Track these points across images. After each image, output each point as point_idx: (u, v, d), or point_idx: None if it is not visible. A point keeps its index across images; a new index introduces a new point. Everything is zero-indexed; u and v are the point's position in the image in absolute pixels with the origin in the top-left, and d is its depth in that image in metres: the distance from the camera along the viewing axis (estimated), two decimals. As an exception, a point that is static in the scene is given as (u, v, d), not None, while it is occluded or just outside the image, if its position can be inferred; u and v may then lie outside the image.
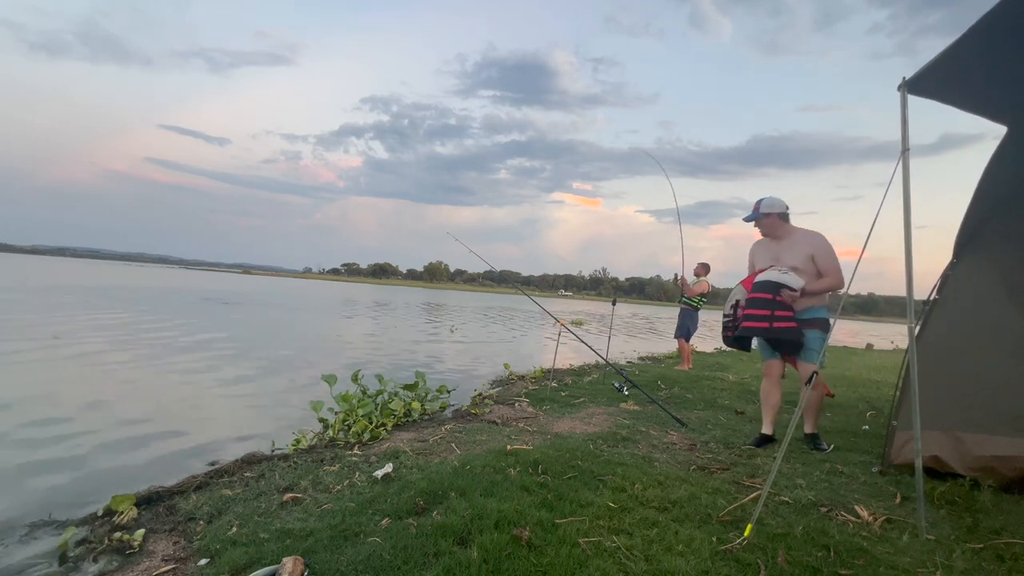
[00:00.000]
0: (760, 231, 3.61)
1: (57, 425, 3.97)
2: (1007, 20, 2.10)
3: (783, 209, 3.49)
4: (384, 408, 4.38)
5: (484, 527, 2.10)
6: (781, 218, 3.49)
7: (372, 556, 1.93)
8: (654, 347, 13.45)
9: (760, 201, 3.53)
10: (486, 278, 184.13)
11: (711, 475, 2.95)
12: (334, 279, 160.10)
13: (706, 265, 7.91)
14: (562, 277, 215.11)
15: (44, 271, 39.33)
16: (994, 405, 2.81)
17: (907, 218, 2.28)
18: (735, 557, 1.96)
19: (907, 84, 2.35)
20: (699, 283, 7.80)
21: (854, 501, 2.57)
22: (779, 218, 3.49)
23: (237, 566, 1.90)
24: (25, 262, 68.98)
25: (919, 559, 2.02)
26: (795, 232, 3.48)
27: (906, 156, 2.29)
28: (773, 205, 3.48)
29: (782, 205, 3.49)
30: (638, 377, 6.72)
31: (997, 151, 2.90)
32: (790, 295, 3.18)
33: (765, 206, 3.50)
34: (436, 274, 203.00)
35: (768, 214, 3.49)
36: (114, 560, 2.05)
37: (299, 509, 2.41)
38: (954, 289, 3.09)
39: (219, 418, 4.49)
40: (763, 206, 3.50)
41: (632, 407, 4.92)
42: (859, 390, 6.52)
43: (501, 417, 4.36)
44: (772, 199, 3.50)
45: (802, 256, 3.34)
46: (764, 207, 3.50)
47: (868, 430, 4.27)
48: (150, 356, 7.22)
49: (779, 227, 3.50)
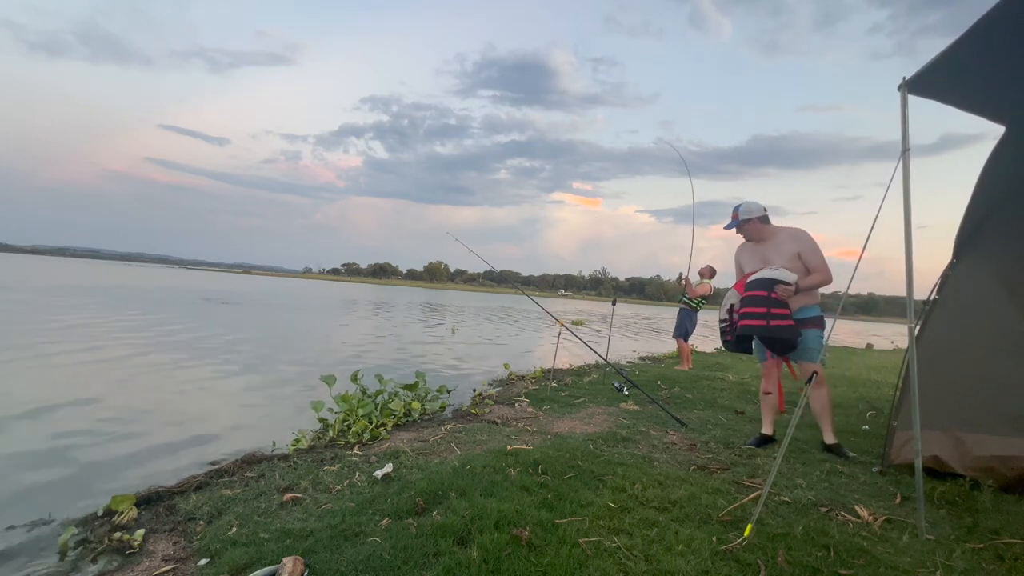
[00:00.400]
0: (743, 236, 3.61)
1: (56, 425, 3.97)
2: (1006, 20, 2.11)
3: (761, 212, 3.48)
4: (384, 408, 4.39)
5: (484, 527, 2.10)
6: (761, 221, 3.49)
7: (372, 556, 1.93)
8: (654, 347, 13.45)
9: (737, 208, 3.53)
10: (486, 278, 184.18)
11: (711, 475, 2.95)
12: (334, 279, 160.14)
13: (712, 268, 7.92)
14: (562, 277, 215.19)
15: (45, 271, 39.32)
16: (994, 405, 2.81)
17: (907, 218, 2.28)
18: (735, 557, 1.96)
19: (907, 84, 2.35)
20: (702, 285, 7.80)
21: (854, 501, 2.57)
22: (759, 221, 3.49)
23: (237, 566, 1.90)
24: (26, 262, 69.00)
25: (919, 559, 2.02)
26: (778, 232, 3.48)
27: (906, 156, 2.29)
28: (751, 210, 3.48)
29: (759, 209, 3.49)
30: (638, 377, 6.72)
31: (995, 151, 2.91)
32: (786, 290, 3.16)
33: (743, 212, 3.49)
34: (436, 274, 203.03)
35: (748, 220, 3.49)
36: (114, 560, 2.05)
37: (299, 509, 2.41)
38: (954, 289, 3.09)
39: (219, 418, 4.48)
40: (741, 212, 3.50)
41: (632, 407, 4.92)
42: (859, 390, 6.52)
43: (501, 417, 4.37)
44: (749, 204, 3.50)
45: (789, 255, 3.34)
46: (743, 213, 3.50)
47: (868, 430, 4.27)
48: (150, 356, 7.22)
49: (761, 230, 3.50)
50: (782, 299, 3.18)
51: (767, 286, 3.21)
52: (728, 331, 3.48)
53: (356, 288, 65.60)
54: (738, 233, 3.60)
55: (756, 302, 3.24)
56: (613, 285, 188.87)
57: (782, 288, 3.17)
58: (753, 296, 3.27)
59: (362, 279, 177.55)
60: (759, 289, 3.24)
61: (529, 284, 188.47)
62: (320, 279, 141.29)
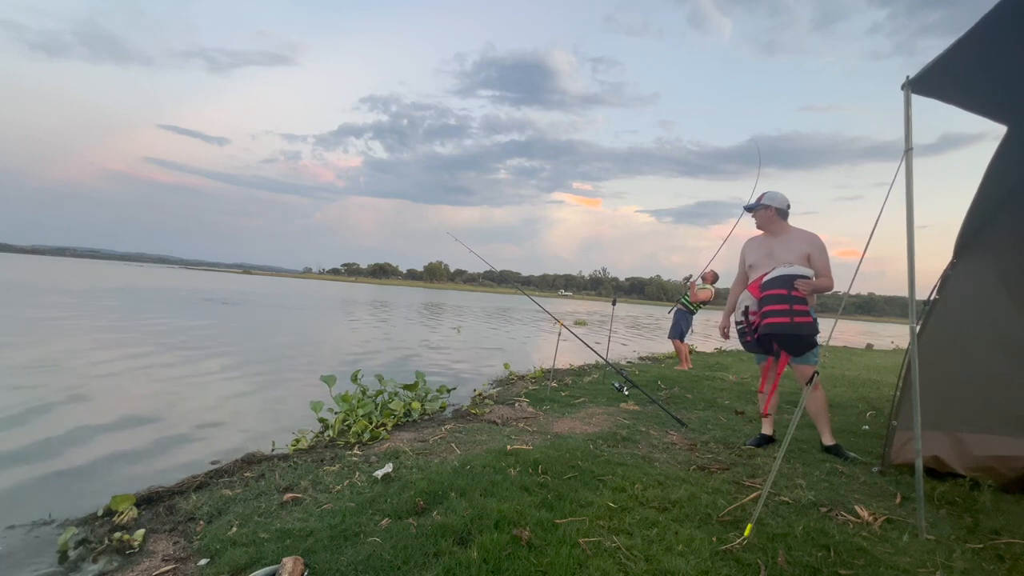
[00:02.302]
0: (756, 223, 3.61)
1: (56, 425, 3.97)
2: (1008, 20, 2.10)
3: (783, 205, 3.49)
4: (384, 408, 4.39)
5: (484, 527, 2.10)
6: (779, 214, 3.49)
7: (372, 556, 1.93)
8: (654, 347, 13.44)
9: (764, 193, 3.54)
10: (486, 278, 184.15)
11: (711, 475, 2.95)
12: (334, 279, 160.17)
13: (715, 273, 7.94)
14: (562, 277, 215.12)
15: (45, 271, 39.31)
16: (994, 405, 2.81)
17: (910, 217, 2.28)
18: (735, 557, 1.96)
19: (911, 83, 2.34)
20: (704, 290, 7.83)
21: (854, 501, 2.56)
22: (777, 213, 3.49)
23: (237, 566, 1.90)
24: (26, 262, 68.99)
25: (919, 559, 2.02)
26: (791, 230, 3.48)
27: (909, 155, 2.29)
28: (775, 199, 3.49)
29: (784, 201, 3.49)
30: (638, 377, 6.72)
31: (997, 151, 2.90)
32: (806, 283, 3.14)
33: (768, 198, 3.50)
34: (436, 274, 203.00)
35: (768, 206, 3.50)
36: (114, 560, 2.05)
37: (299, 509, 2.41)
38: (954, 289, 3.09)
39: (219, 418, 4.48)
40: (766, 198, 3.51)
41: (632, 407, 4.92)
42: (859, 390, 6.52)
43: (501, 417, 4.36)
44: (775, 193, 3.51)
45: (798, 254, 3.33)
46: (767, 199, 3.51)
47: (868, 430, 4.27)
48: (149, 356, 7.22)
49: (775, 222, 3.50)
50: (803, 294, 3.15)
51: (786, 283, 3.17)
52: (748, 332, 3.44)
53: (356, 288, 65.61)
54: (753, 216, 3.60)
55: (777, 300, 3.20)
56: (613, 285, 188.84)
57: (802, 282, 3.14)
58: (773, 295, 3.22)
59: (362, 279, 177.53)
60: (779, 287, 3.19)
61: (529, 284, 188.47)
62: (320, 279, 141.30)
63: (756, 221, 3.60)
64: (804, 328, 3.11)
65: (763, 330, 3.23)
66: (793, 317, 3.12)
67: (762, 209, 3.51)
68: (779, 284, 3.19)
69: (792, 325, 3.12)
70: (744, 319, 3.43)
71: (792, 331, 3.14)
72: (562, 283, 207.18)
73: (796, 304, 3.14)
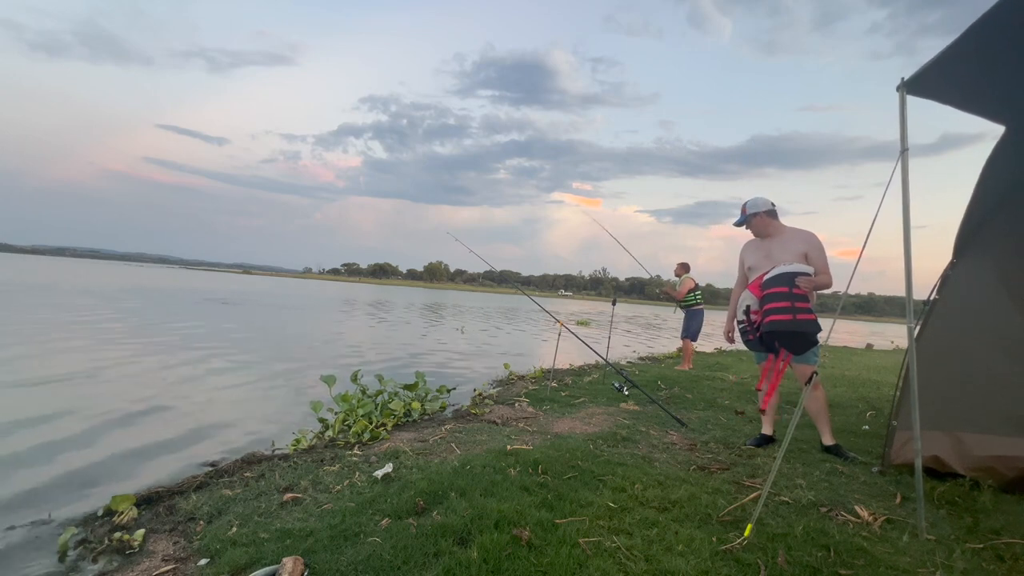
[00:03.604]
0: (752, 232, 3.61)
1: (56, 425, 3.97)
2: (1005, 20, 2.10)
3: (769, 207, 3.50)
4: (384, 408, 4.39)
5: (484, 527, 2.10)
6: (769, 215, 3.51)
7: (372, 556, 1.93)
8: (654, 347, 13.44)
9: (745, 204, 3.57)
10: (486, 278, 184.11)
11: (711, 475, 2.95)
12: (334, 279, 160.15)
13: (685, 264, 8.04)
14: (562, 277, 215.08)
15: (46, 271, 39.32)
16: (994, 405, 2.81)
17: (906, 218, 2.28)
18: (735, 557, 1.96)
19: (906, 84, 2.35)
20: (684, 282, 7.87)
21: (854, 501, 2.57)
22: (767, 216, 3.50)
23: (237, 566, 1.90)
24: (27, 263, 69.00)
25: (919, 559, 2.02)
26: (786, 230, 3.49)
27: (905, 156, 2.29)
28: (758, 204, 3.51)
29: (767, 203, 3.51)
30: (638, 377, 6.72)
31: (995, 151, 2.90)
32: (808, 280, 3.14)
33: (751, 206, 3.53)
34: (436, 274, 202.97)
35: (756, 214, 3.51)
36: (114, 560, 2.05)
37: (299, 509, 2.41)
38: (954, 289, 3.09)
39: (219, 418, 4.48)
40: (749, 207, 3.54)
41: (632, 407, 4.92)
42: (859, 390, 6.51)
43: (501, 417, 4.36)
44: (756, 199, 3.53)
45: (796, 253, 3.33)
46: (750, 207, 3.53)
47: (868, 430, 4.27)
48: (149, 356, 7.22)
49: (769, 225, 3.51)
50: (805, 291, 3.15)
51: (787, 281, 3.17)
52: (750, 331, 3.44)
53: (356, 288, 65.60)
54: (747, 229, 3.61)
55: (779, 298, 3.20)
56: (613, 285, 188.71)
57: (803, 279, 3.14)
58: (775, 292, 3.22)
59: (362, 279, 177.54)
60: (780, 285, 3.19)
61: (529, 284, 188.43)
62: (320, 279, 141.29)
63: (752, 231, 3.61)
64: (806, 325, 3.10)
65: (765, 328, 3.22)
66: (795, 315, 3.10)
67: (753, 218, 3.53)
68: (780, 282, 3.18)
69: (794, 323, 3.11)
70: (746, 318, 3.43)
71: (795, 328, 3.13)
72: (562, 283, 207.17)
73: (798, 302, 3.13)
